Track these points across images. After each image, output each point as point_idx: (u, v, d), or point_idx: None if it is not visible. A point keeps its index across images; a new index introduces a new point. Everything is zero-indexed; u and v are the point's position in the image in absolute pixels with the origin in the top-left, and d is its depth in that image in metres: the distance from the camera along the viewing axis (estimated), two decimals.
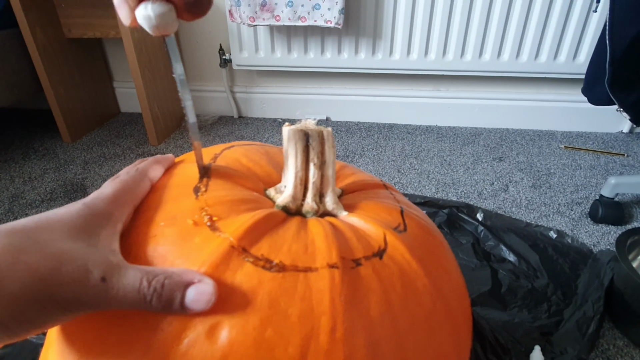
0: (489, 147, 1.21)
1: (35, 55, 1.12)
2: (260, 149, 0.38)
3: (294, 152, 0.31)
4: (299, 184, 0.32)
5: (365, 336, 0.25)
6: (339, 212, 0.33)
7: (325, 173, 0.32)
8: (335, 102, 1.38)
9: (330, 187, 0.33)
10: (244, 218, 0.27)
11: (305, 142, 0.31)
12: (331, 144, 0.32)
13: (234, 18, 1.17)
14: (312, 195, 0.32)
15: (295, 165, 0.31)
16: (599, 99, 0.77)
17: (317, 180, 0.32)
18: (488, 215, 0.83)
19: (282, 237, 0.27)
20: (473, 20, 1.17)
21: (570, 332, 0.57)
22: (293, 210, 0.32)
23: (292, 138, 0.31)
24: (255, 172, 0.35)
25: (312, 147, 0.31)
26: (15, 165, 1.13)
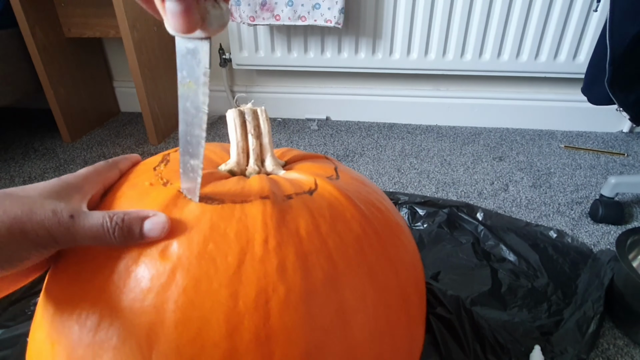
0: (489, 147, 1.21)
1: (35, 55, 1.12)
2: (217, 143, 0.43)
3: (233, 126, 0.36)
4: (241, 152, 0.37)
5: (295, 249, 0.28)
6: (278, 171, 0.37)
7: (262, 142, 0.38)
8: (335, 101, 1.38)
9: (269, 153, 0.38)
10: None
11: (243, 119, 0.37)
12: (265, 117, 0.37)
13: (234, 17, 1.17)
14: (254, 160, 0.37)
15: (235, 136, 0.36)
16: (598, 99, 0.77)
17: (257, 147, 0.37)
18: (488, 215, 0.83)
19: (223, 185, 0.32)
20: (473, 20, 1.17)
21: (570, 331, 0.57)
22: (238, 174, 0.36)
23: (231, 117, 0.36)
24: (209, 157, 0.39)
25: (248, 122, 0.37)
26: (15, 164, 1.13)
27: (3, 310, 0.62)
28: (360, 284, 0.30)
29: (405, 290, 0.33)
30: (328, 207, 0.32)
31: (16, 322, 0.60)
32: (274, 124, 1.38)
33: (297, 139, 1.27)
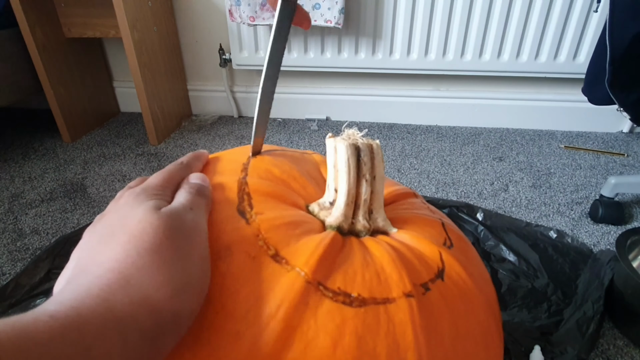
0: (489, 147, 1.21)
1: (35, 55, 1.12)
2: (287, 156, 0.37)
3: (346, 168, 0.29)
4: (350, 202, 0.30)
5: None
6: (389, 228, 0.32)
7: (375, 189, 0.31)
8: (335, 101, 1.38)
9: (380, 203, 0.31)
10: (309, 246, 0.26)
11: (357, 157, 0.30)
12: (380, 158, 0.31)
13: (234, 17, 1.17)
14: (363, 212, 0.31)
15: (348, 182, 0.30)
16: (599, 99, 0.77)
17: (368, 197, 0.30)
18: (488, 215, 0.83)
19: (352, 266, 0.26)
20: (473, 20, 1.17)
21: (570, 332, 0.57)
22: (345, 230, 0.30)
23: (343, 153, 0.29)
24: (291, 185, 0.33)
25: (364, 163, 0.30)
26: (15, 165, 1.13)
27: (3, 314, 0.62)
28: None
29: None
30: (460, 295, 0.28)
31: None
32: (274, 124, 1.38)
33: (297, 139, 1.27)
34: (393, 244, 0.29)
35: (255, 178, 0.31)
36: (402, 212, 0.35)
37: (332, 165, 0.30)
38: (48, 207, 0.93)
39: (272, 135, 1.30)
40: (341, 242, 0.28)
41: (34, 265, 0.70)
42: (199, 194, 0.27)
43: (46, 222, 0.88)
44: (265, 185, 0.31)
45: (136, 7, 1.09)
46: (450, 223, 0.36)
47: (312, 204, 0.32)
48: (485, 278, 0.33)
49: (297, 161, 0.36)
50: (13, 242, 0.82)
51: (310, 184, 0.34)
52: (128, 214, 0.23)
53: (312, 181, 0.35)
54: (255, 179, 0.31)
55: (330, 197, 0.31)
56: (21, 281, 0.68)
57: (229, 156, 0.35)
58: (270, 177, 0.32)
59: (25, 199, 0.97)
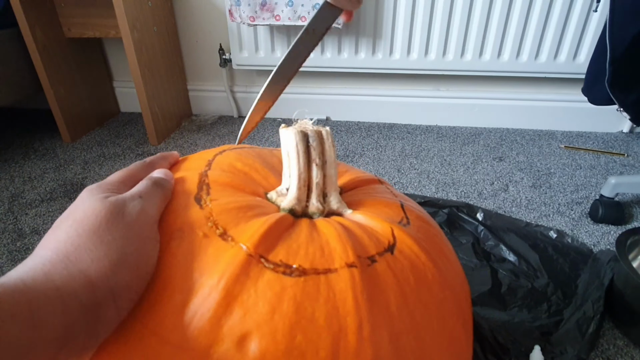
0: (489, 147, 1.21)
1: (35, 55, 1.12)
2: (252, 152, 0.38)
3: (295, 153, 0.31)
4: (302, 186, 0.31)
5: (388, 332, 0.25)
6: (344, 210, 0.33)
7: (327, 172, 0.32)
8: (335, 101, 1.38)
9: (333, 187, 0.32)
10: (255, 225, 0.27)
11: (306, 143, 0.31)
12: (331, 142, 0.32)
13: (234, 18, 1.17)
14: (316, 195, 0.32)
15: (298, 167, 0.31)
16: (599, 99, 0.77)
17: (320, 180, 0.31)
18: (488, 215, 0.83)
19: (296, 241, 0.27)
20: (473, 20, 1.17)
21: (570, 332, 0.57)
22: (299, 213, 0.31)
23: (292, 139, 0.31)
24: (252, 177, 0.34)
25: (313, 148, 0.31)
26: (15, 165, 1.13)
27: None
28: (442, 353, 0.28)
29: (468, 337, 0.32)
30: (411, 268, 0.29)
31: None
32: (274, 124, 1.38)
33: None
34: (344, 223, 0.30)
35: (217, 171, 0.33)
36: (361, 196, 0.36)
37: (286, 154, 0.31)
38: (48, 207, 0.93)
39: (272, 135, 1.30)
40: (290, 222, 0.29)
41: None
42: (154, 185, 0.29)
43: (46, 222, 0.88)
44: (225, 177, 0.32)
45: (136, 7, 1.09)
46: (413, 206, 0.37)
47: (271, 192, 0.33)
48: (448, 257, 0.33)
49: (262, 156, 0.38)
50: (13, 242, 0.82)
51: (272, 176, 0.35)
52: (77, 205, 0.25)
53: (276, 174, 0.36)
54: (217, 171, 0.33)
55: (287, 184, 0.32)
56: None
57: (198, 155, 0.37)
58: (232, 170, 0.34)
59: (25, 199, 0.97)
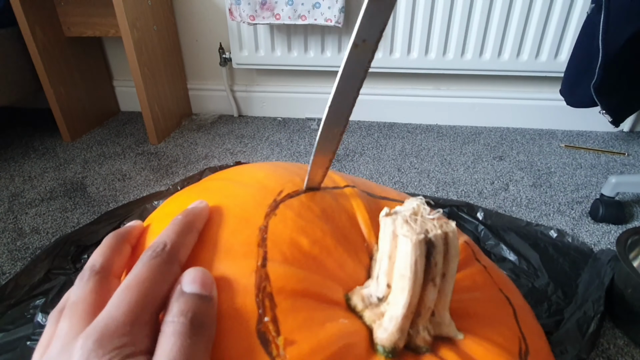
0: (490, 146, 1.21)
1: (35, 54, 1.12)
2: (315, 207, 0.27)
3: (411, 274, 0.22)
4: (411, 313, 0.22)
5: None
6: (455, 334, 0.24)
7: (443, 289, 0.23)
8: None
9: (446, 305, 0.24)
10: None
11: (427, 257, 0.22)
12: (456, 249, 0.23)
13: (234, 17, 1.16)
14: (425, 322, 0.23)
15: (411, 290, 0.22)
16: (580, 101, 0.77)
17: (433, 302, 0.23)
18: (488, 215, 0.83)
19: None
20: (473, 19, 1.17)
21: (570, 331, 0.57)
22: (401, 348, 0.23)
23: (409, 255, 0.21)
24: (325, 265, 0.24)
25: (434, 263, 0.22)
26: (15, 164, 1.13)
27: (2, 314, 0.62)
28: None
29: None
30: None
31: (15, 326, 0.60)
32: (274, 124, 1.38)
33: (297, 139, 1.27)
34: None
35: (278, 263, 0.22)
36: (465, 299, 0.27)
37: (388, 256, 0.23)
38: (48, 207, 0.93)
39: (272, 135, 1.29)
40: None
41: (33, 265, 0.70)
42: (193, 330, 0.17)
43: (46, 222, 0.88)
44: (295, 277, 0.22)
45: (136, 6, 1.09)
46: (518, 301, 0.29)
47: (354, 297, 0.24)
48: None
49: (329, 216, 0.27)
50: (13, 241, 0.82)
51: (348, 257, 0.26)
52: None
53: (349, 248, 0.26)
54: (279, 264, 0.22)
55: (381, 292, 0.23)
56: (20, 281, 0.68)
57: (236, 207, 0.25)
58: (298, 257, 0.23)
59: (25, 198, 0.96)
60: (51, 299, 0.63)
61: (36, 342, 0.56)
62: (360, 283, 0.25)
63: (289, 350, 0.19)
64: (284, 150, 1.20)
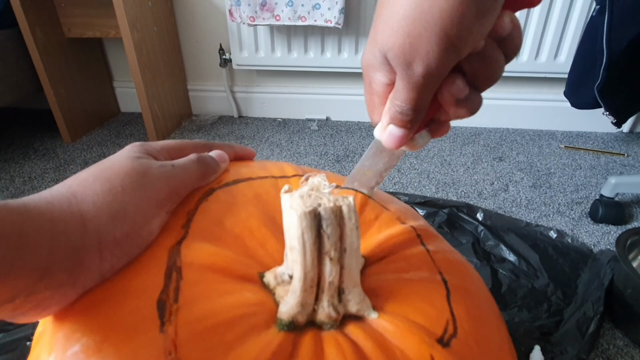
0: (489, 147, 1.21)
1: (35, 54, 1.12)
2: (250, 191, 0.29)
3: (300, 246, 0.22)
4: (309, 287, 0.22)
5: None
6: (366, 312, 0.24)
7: (346, 264, 0.23)
8: (335, 101, 1.38)
9: (353, 281, 0.24)
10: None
11: (317, 229, 0.22)
12: (354, 224, 0.23)
13: (234, 18, 1.17)
14: (329, 297, 0.23)
15: (303, 264, 0.22)
16: (584, 103, 0.77)
17: (335, 278, 0.23)
18: (488, 215, 0.83)
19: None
20: None
21: (570, 332, 0.57)
22: (302, 323, 0.23)
23: (296, 225, 0.22)
24: (245, 244, 0.26)
25: (326, 236, 0.22)
26: (15, 165, 1.13)
27: None
28: None
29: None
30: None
31: (16, 326, 0.60)
32: (274, 124, 1.38)
33: (297, 139, 1.27)
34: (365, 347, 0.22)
35: (197, 240, 0.24)
36: (393, 278, 0.27)
37: (288, 240, 0.23)
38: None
39: (272, 135, 1.29)
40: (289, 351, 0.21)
41: None
42: (196, 161, 0.28)
43: None
44: (208, 253, 0.24)
45: (136, 7, 1.09)
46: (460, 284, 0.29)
47: (268, 274, 0.25)
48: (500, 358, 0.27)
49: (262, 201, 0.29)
50: None
51: (271, 237, 0.27)
52: (113, 156, 0.25)
53: (277, 230, 0.27)
54: (197, 241, 0.24)
55: (290, 269, 0.24)
56: None
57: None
58: (219, 234, 0.25)
59: None
60: None
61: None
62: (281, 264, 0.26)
63: (180, 315, 0.20)
64: (284, 151, 1.20)
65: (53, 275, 0.20)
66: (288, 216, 0.23)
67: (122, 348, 0.19)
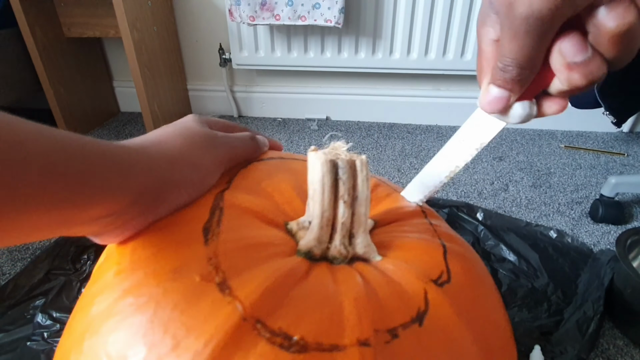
0: (489, 147, 1.21)
1: (35, 54, 1.12)
2: (283, 166, 0.35)
3: (320, 187, 0.26)
4: (325, 225, 0.27)
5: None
6: (372, 255, 0.28)
7: (356, 210, 0.27)
8: (335, 101, 1.38)
9: (362, 227, 0.28)
10: (261, 275, 0.23)
11: (335, 176, 0.26)
12: (365, 176, 0.27)
13: (234, 17, 1.16)
14: (341, 237, 0.27)
15: (321, 203, 0.26)
16: (584, 102, 0.77)
17: (347, 220, 0.27)
18: (488, 215, 0.83)
19: (304, 301, 0.23)
20: (473, 20, 1.17)
21: (570, 331, 0.57)
22: (317, 256, 0.27)
23: (318, 170, 0.26)
24: (275, 200, 0.30)
25: (342, 182, 0.26)
26: None
27: (2, 314, 0.62)
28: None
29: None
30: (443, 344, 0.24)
31: (16, 326, 0.60)
32: (274, 124, 1.38)
33: (297, 139, 1.27)
34: (368, 276, 0.26)
35: (237, 191, 0.29)
36: (398, 235, 0.31)
37: (310, 184, 0.27)
38: None
39: (272, 135, 1.29)
40: (304, 270, 0.25)
41: (33, 265, 0.70)
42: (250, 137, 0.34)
43: None
44: (245, 199, 0.29)
45: (136, 6, 1.09)
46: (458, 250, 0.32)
47: (292, 222, 0.29)
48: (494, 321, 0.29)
49: (293, 172, 0.34)
50: None
51: (297, 198, 0.32)
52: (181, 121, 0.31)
53: (302, 195, 0.32)
54: (237, 192, 0.29)
55: (310, 217, 0.28)
56: (20, 282, 0.68)
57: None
58: (255, 190, 0.30)
59: None
60: (51, 300, 0.63)
61: (36, 342, 0.56)
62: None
63: (221, 237, 0.25)
64: (284, 150, 1.20)
65: (143, 201, 0.24)
66: (312, 164, 0.27)
67: (172, 255, 0.24)
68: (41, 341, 0.56)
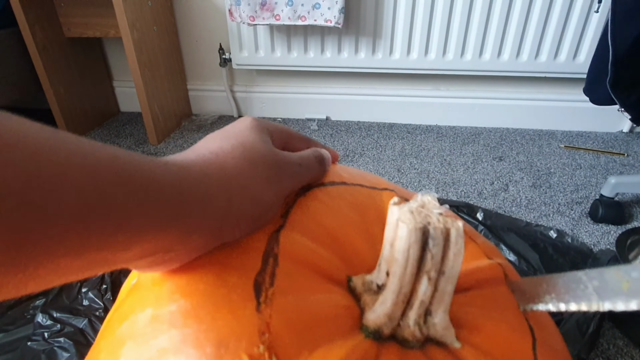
0: (489, 147, 1.21)
1: (35, 54, 1.12)
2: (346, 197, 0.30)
3: (404, 260, 0.22)
4: (400, 301, 0.23)
5: None
6: (449, 340, 0.24)
7: (440, 287, 0.23)
8: (335, 101, 1.38)
9: (443, 307, 0.23)
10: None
11: (423, 245, 0.22)
12: (459, 249, 0.22)
13: (234, 17, 1.16)
14: (417, 315, 0.23)
15: (401, 278, 0.22)
16: (601, 99, 0.77)
17: (428, 297, 0.23)
18: (488, 215, 0.83)
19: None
20: (473, 20, 1.17)
21: (570, 331, 0.57)
22: (386, 335, 0.23)
23: (404, 238, 0.22)
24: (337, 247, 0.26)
25: (430, 255, 0.22)
26: None
27: (2, 314, 0.62)
28: None
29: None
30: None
31: (16, 326, 0.60)
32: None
33: None
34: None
35: (294, 232, 0.25)
36: (477, 311, 0.26)
37: (389, 244, 0.23)
38: None
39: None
40: (373, 357, 0.21)
41: None
42: (317, 161, 0.29)
43: None
44: (304, 247, 0.24)
45: (136, 6, 1.09)
46: (546, 338, 0.27)
47: (356, 279, 0.25)
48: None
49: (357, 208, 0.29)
50: None
51: (364, 245, 0.27)
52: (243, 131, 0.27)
53: (368, 239, 0.27)
54: (294, 233, 0.25)
55: (380, 280, 0.24)
56: None
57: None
58: (315, 232, 0.26)
59: None
60: (51, 299, 0.63)
61: (36, 342, 0.56)
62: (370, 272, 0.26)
63: (276, 301, 0.21)
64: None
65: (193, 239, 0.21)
66: (395, 228, 0.23)
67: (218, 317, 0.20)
68: (41, 341, 0.56)
